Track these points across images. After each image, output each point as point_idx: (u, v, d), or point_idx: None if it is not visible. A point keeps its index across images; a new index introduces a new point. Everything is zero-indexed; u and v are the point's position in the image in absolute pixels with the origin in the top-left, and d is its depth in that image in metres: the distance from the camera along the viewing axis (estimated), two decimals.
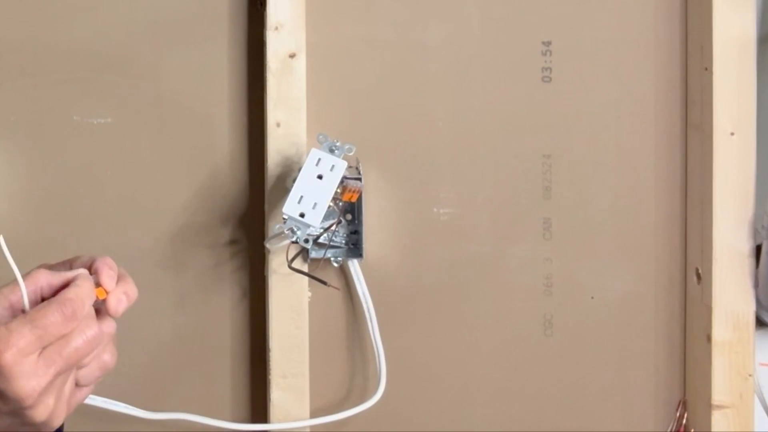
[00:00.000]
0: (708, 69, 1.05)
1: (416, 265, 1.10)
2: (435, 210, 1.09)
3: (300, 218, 0.98)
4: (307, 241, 1.00)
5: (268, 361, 1.05)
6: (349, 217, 1.06)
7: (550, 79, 1.09)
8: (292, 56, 1.04)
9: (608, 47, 1.09)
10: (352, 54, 1.08)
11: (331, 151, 1.00)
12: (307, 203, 0.98)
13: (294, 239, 0.99)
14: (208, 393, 1.09)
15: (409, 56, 1.09)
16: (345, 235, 1.06)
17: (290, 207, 0.98)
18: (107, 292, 0.76)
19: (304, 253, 1.05)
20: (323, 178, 0.99)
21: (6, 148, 1.06)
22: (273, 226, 1.04)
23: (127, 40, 1.07)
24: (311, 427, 1.07)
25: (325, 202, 0.99)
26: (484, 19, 1.09)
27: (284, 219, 0.99)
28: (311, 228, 0.99)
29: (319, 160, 1.00)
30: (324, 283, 1.04)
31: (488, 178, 1.10)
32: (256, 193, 1.08)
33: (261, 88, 1.05)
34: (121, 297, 0.76)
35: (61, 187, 1.07)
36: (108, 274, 0.77)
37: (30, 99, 1.06)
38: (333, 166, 0.99)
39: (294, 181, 0.99)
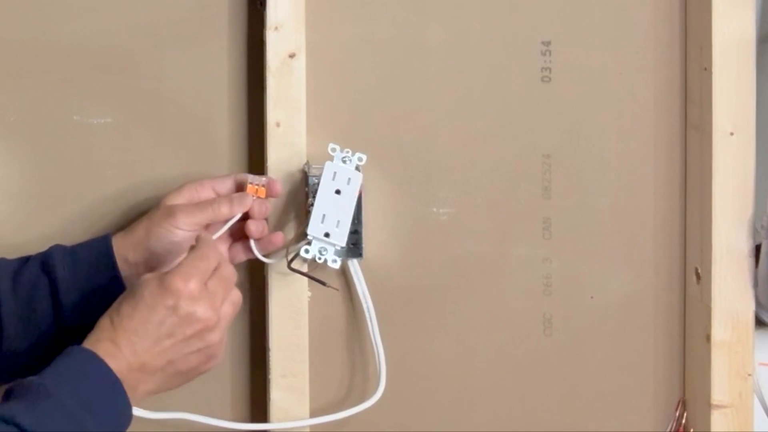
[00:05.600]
0: (707, 69, 1.05)
1: (416, 265, 1.10)
2: (435, 210, 1.09)
3: (326, 238, 0.98)
4: (335, 261, 1.00)
5: (268, 360, 1.05)
6: None
7: (550, 79, 1.09)
8: (292, 56, 1.04)
9: (608, 47, 1.09)
10: (352, 54, 1.08)
11: (344, 161, 1.00)
12: (331, 222, 0.98)
13: (323, 260, 0.99)
14: (208, 393, 1.09)
15: (409, 56, 1.09)
16: None
17: (314, 227, 0.98)
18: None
19: None
20: (341, 193, 0.99)
21: (6, 148, 1.06)
22: (294, 248, 1.02)
23: (127, 40, 1.07)
24: (311, 426, 1.06)
25: (348, 218, 0.98)
26: (484, 19, 1.09)
27: (310, 240, 0.98)
28: (337, 246, 0.99)
29: (335, 173, 0.99)
30: (323, 283, 1.04)
31: (488, 178, 1.10)
32: None
33: (261, 88, 1.05)
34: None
35: (61, 187, 1.07)
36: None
37: (30, 99, 1.06)
38: (349, 179, 0.99)
39: (312, 199, 0.99)
